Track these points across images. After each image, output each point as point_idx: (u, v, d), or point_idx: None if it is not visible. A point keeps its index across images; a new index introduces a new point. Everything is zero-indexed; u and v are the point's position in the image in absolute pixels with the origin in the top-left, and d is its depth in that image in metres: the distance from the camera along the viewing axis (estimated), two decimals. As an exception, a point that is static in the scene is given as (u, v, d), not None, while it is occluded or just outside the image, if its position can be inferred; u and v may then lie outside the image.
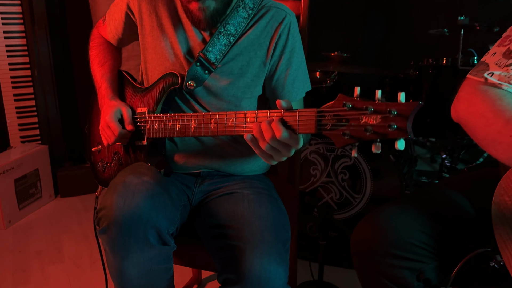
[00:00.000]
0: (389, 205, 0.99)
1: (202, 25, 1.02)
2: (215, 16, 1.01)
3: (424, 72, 2.03)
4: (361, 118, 0.74)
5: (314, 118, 0.79)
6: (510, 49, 0.94)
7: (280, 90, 1.11)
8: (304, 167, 1.92)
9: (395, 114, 0.71)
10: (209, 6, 0.98)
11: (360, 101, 0.75)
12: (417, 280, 0.91)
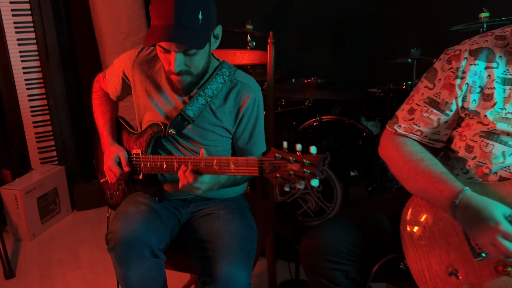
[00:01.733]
0: (327, 221, 1.28)
1: (179, 92, 1.33)
2: (189, 87, 1.31)
3: (387, 95, 2.32)
4: (287, 165, 1.04)
5: (255, 165, 1.09)
6: (412, 107, 1.24)
7: (244, 150, 1.43)
8: (284, 181, 2.23)
9: (308, 163, 1.01)
10: (186, 80, 1.28)
11: (286, 153, 1.05)
12: (345, 278, 1.20)
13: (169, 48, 1.21)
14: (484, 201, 1.02)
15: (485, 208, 1.00)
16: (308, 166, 1.01)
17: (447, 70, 1.16)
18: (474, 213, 1.02)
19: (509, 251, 0.96)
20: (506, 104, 1.08)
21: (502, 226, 0.97)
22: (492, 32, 1.15)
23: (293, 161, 1.03)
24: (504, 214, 0.99)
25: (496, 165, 1.09)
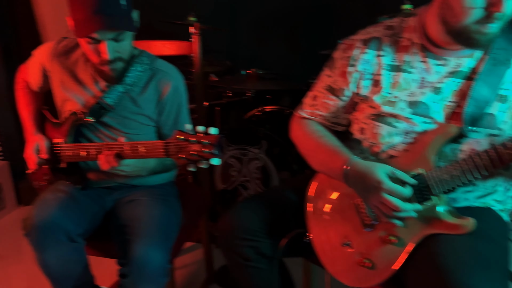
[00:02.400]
0: (241, 202, 1.35)
1: (113, 81, 1.38)
2: (122, 73, 1.36)
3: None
4: (188, 146, 1.11)
5: (162, 147, 1.15)
6: (315, 94, 1.34)
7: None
8: (225, 169, 2.29)
9: (207, 143, 1.08)
10: (118, 67, 1.33)
11: (188, 134, 1.11)
12: (255, 254, 1.28)
13: (100, 37, 1.25)
14: (367, 164, 1.12)
15: (369, 170, 1.10)
16: (207, 146, 1.08)
17: (342, 59, 1.25)
18: (361, 177, 1.11)
19: (396, 205, 1.05)
20: (392, 89, 1.17)
21: (385, 184, 1.07)
22: (383, 22, 1.25)
23: (194, 142, 1.09)
24: (386, 173, 1.09)
25: (385, 145, 1.18)
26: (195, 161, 1.11)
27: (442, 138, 1.09)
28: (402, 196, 1.06)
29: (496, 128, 1.07)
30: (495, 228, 1.10)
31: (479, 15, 0.99)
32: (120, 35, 1.26)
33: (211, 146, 1.07)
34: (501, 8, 0.96)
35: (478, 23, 1.00)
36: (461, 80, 1.11)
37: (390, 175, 1.09)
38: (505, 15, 1.00)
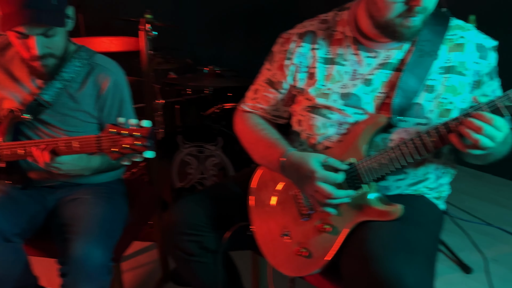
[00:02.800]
0: (185, 197, 1.35)
1: (45, 77, 1.35)
2: (55, 69, 1.34)
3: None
4: (121, 140, 1.09)
5: (94, 142, 1.13)
6: (257, 88, 1.36)
7: None
8: (182, 167, 2.28)
9: (139, 136, 1.07)
10: (50, 63, 1.30)
11: (120, 128, 1.10)
12: (199, 248, 1.28)
13: (28, 32, 1.22)
14: (302, 155, 1.15)
15: (303, 160, 1.12)
16: (139, 139, 1.07)
17: (280, 53, 1.27)
18: (296, 168, 1.14)
19: (329, 192, 1.08)
20: (326, 81, 1.20)
21: (318, 172, 1.09)
22: (319, 16, 1.27)
23: (126, 135, 1.08)
24: (320, 161, 1.11)
25: (320, 136, 1.21)
26: (128, 154, 1.10)
27: (372, 128, 1.12)
28: (335, 183, 1.09)
29: (424, 117, 1.11)
30: (426, 214, 1.14)
31: (401, 9, 1.03)
32: (49, 30, 1.24)
33: (144, 138, 1.07)
34: (420, 2, 1.00)
35: (401, 17, 1.04)
36: (391, 72, 1.14)
37: (323, 163, 1.11)
38: (426, 9, 1.04)
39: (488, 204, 2.66)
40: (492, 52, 1.13)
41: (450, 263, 2.07)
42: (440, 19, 1.14)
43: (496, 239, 2.26)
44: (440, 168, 1.20)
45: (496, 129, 0.94)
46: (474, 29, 1.15)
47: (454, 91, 1.11)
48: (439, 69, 1.12)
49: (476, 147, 0.96)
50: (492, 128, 0.93)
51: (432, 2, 1.04)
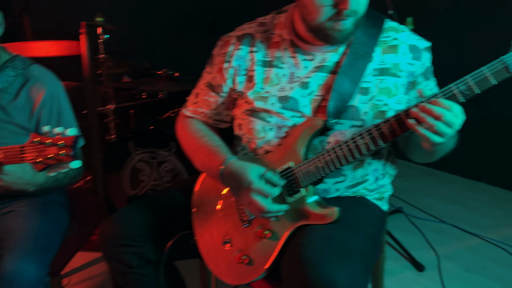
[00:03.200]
0: (124, 207, 1.30)
1: None
2: None
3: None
4: (45, 149, 1.03)
5: (19, 152, 1.07)
6: (197, 92, 1.33)
7: None
8: (134, 174, 2.22)
9: (63, 145, 1.01)
10: None
11: (44, 137, 1.03)
12: (139, 260, 1.23)
13: None
14: (242, 164, 1.12)
15: (242, 170, 1.10)
16: (63, 148, 1.01)
17: (219, 55, 1.25)
18: (234, 177, 1.11)
19: (263, 206, 1.06)
20: (265, 84, 1.18)
21: (254, 184, 1.07)
22: (257, 19, 1.26)
23: (50, 145, 1.02)
24: (258, 173, 1.09)
25: (260, 140, 1.19)
26: (53, 165, 1.04)
27: (309, 131, 1.11)
28: (269, 196, 1.07)
29: (359, 119, 1.11)
30: (364, 217, 1.14)
31: (330, 13, 1.03)
32: None
33: (68, 148, 1.01)
34: (347, 5, 1.00)
35: (331, 20, 1.04)
36: (327, 74, 1.14)
37: (262, 175, 1.09)
38: (356, 12, 1.04)
39: (442, 202, 2.72)
40: (425, 53, 1.14)
41: (404, 262, 2.10)
42: (374, 21, 1.15)
43: (449, 237, 2.32)
44: (379, 170, 1.21)
45: (455, 116, 0.94)
46: (408, 30, 1.16)
47: (388, 93, 1.12)
48: (373, 71, 1.12)
49: (436, 132, 0.94)
50: (451, 114, 0.93)
51: (362, 5, 1.04)
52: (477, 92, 0.92)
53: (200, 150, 1.24)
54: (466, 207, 2.64)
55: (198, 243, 1.24)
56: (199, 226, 1.25)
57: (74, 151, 1.01)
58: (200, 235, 1.24)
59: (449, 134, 0.95)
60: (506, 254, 2.11)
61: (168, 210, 1.28)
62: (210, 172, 1.21)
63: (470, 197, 2.78)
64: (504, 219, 2.47)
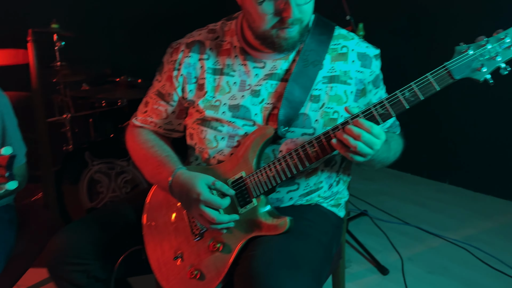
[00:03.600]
0: (70, 224, 1.23)
1: None
2: None
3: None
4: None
5: None
6: (147, 100, 1.28)
7: None
8: (91, 186, 2.14)
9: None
10: None
11: None
12: (87, 278, 1.17)
13: None
14: (190, 175, 1.08)
15: (190, 182, 1.06)
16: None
17: (169, 63, 1.21)
18: (183, 189, 1.07)
19: (212, 217, 1.02)
20: (215, 93, 1.15)
21: (203, 195, 1.03)
22: (208, 26, 1.23)
23: None
24: (207, 184, 1.05)
25: (212, 150, 1.16)
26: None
27: (260, 140, 1.08)
28: (219, 207, 1.04)
29: (310, 127, 1.10)
30: (317, 225, 1.12)
31: (273, 21, 1.01)
32: None
33: (2, 168, 0.94)
34: (290, 13, 0.98)
35: (275, 28, 1.02)
36: (277, 82, 1.12)
37: (211, 186, 1.06)
38: (301, 20, 1.02)
39: (406, 204, 2.75)
40: (374, 61, 1.14)
41: (369, 265, 2.10)
42: (324, 29, 1.13)
43: (413, 238, 2.34)
44: (333, 177, 1.19)
45: (374, 137, 0.94)
46: (357, 38, 1.15)
47: (338, 100, 1.11)
48: (323, 78, 1.11)
49: (357, 153, 0.95)
50: (370, 136, 0.93)
51: (306, 13, 1.03)
52: (422, 98, 0.92)
53: (149, 161, 1.19)
54: (430, 208, 2.68)
55: (149, 259, 1.19)
56: (150, 240, 1.20)
57: (10, 171, 0.95)
58: (151, 250, 1.19)
59: (370, 154, 0.95)
60: (468, 255, 2.14)
61: (118, 225, 1.23)
62: (159, 184, 1.17)
63: (434, 198, 2.83)
64: (466, 218, 2.52)
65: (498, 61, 0.89)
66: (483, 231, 2.37)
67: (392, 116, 0.95)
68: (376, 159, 1.03)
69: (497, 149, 2.75)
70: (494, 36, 0.90)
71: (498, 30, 0.91)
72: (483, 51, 0.89)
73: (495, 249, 2.16)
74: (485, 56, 0.89)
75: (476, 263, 2.07)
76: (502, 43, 0.89)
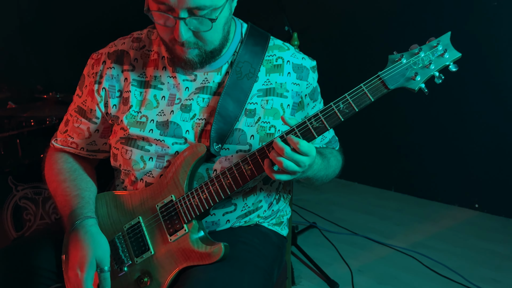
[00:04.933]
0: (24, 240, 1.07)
1: None
2: None
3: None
4: None
5: None
6: (67, 118, 1.15)
7: None
8: (17, 214, 1.93)
9: None
10: None
11: None
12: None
13: None
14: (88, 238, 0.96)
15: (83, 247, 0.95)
16: None
17: (90, 76, 1.09)
18: (74, 245, 0.96)
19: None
20: (141, 107, 1.05)
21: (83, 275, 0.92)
22: (132, 34, 1.12)
23: None
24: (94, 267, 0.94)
25: (139, 171, 1.04)
26: None
27: (192, 159, 0.99)
28: None
29: (246, 144, 1.02)
30: (256, 248, 1.03)
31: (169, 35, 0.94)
32: None
33: None
34: (177, 34, 0.90)
35: (176, 49, 0.95)
36: (209, 96, 1.03)
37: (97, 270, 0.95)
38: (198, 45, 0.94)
39: (355, 213, 2.75)
40: (311, 72, 1.08)
41: (319, 280, 2.05)
42: (258, 39, 1.07)
43: (362, 248, 2.33)
44: (273, 195, 1.12)
45: (301, 154, 0.86)
46: (293, 49, 1.09)
47: (275, 114, 1.04)
48: (258, 91, 1.04)
49: (284, 171, 0.87)
50: (292, 153, 0.85)
51: (207, 41, 0.94)
52: (356, 110, 0.87)
53: (58, 198, 1.07)
54: (377, 216, 2.69)
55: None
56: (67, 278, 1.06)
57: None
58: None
59: (298, 172, 0.88)
60: (416, 262, 2.15)
61: (34, 262, 1.08)
62: (65, 227, 1.04)
63: (381, 205, 2.85)
64: (412, 225, 2.55)
65: (432, 69, 0.86)
66: (429, 236, 2.40)
67: (327, 129, 0.89)
68: (314, 177, 0.96)
69: (438, 156, 2.84)
70: (427, 44, 0.87)
71: (431, 38, 0.88)
72: (416, 59, 0.86)
73: (441, 254, 2.19)
74: (419, 65, 0.86)
75: (424, 271, 2.09)
76: (435, 51, 0.86)
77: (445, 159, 2.81)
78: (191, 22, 0.89)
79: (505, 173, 2.58)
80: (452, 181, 2.80)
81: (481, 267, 2.09)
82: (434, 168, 2.87)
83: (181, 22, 0.88)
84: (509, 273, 2.04)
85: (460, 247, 2.28)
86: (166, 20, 0.90)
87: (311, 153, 0.86)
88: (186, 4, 0.85)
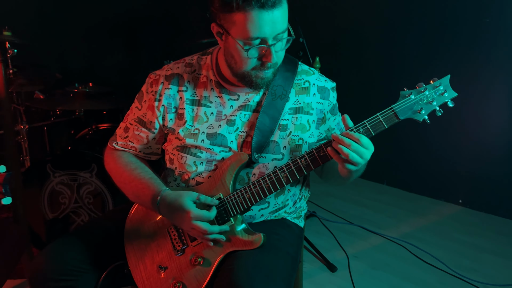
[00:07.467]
0: (55, 241, 1.29)
1: None
2: None
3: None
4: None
5: None
6: (127, 126, 1.37)
7: None
8: (54, 197, 2.15)
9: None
10: None
11: None
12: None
13: None
14: (176, 196, 1.20)
15: (177, 202, 1.18)
16: None
17: (150, 93, 1.30)
18: (171, 208, 1.19)
19: (204, 229, 1.15)
20: (194, 122, 1.27)
21: (193, 213, 1.15)
22: (184, 59, 1.34)
23: None
24: (192, 200, 1.18)
25: (192, 173, 1.28)
26: None
27: (236, 165, 1.22)
28: (208, 219, 1.17)
29: (279, 153, 1.25)
30: (285, 238, 1.28)
31: (255, 64, 1.15)
32: None
33: None
34: (271, 59, 1.12)
35: (255, 70, 1.16)
36: (250, 113, 1.26)
37: (196, 201, 1.18)
38: (277, 64, 1.18)
39: (351, 204, 3.02)
40: (332, 92, 1.32)
41: (319, 264, 2.31)
42: (289, 65, 1.29)
43: (357, 237, 2.60)
44: (297, 194, 1.37)
45: (363, 147, 1.08)
46: (317, 73, 1.32)
47: (303, 129, 1.27)
48: (289, 110, 1.27)
49: (348, 161, 1.08)
50: (358, 146, 1.07)
51: (281, 58, 1.18)
52: (373, 134, 1.11)
53: (133, 183, 1.29)
54: (371, 208, 2.96)
55: (132, 272, 1.28)
56: (132, 255, 1.29)
57: (5, 188, 1.02)
58: (133, 265, 1.29)
59: (361, 163, 1.09)
60: (405, 251, 2.43)
61: (100, 241, 1.30)
62: (144, 204, 1.27)
63: (374, 198, 3.13)
64: (402, 217, 2.83)
65: (434, 105, 1.10)
66: (418, 229, 2.68)
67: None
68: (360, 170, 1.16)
69: (427, 154, 3.10)
70: (430, 84, 1.11)
71: (434, 78, 1.11)
72: (422, 96, 1.10)
73: (428, 245, 2.46)
74: (424, 101, 1.10)
75: (413, 259, 2.36)
76: (437, 90, 1.10)
77: (433, 157, 3.07)
78: (277, 45, 1.12)
79: (487, 172, 2.85)
80: (439, 177, 3.07)
81: (462, 257, 2.38)
82: (423, 165, 3.13)
83: (271, 48, 1.10)
84: (486, 263, 2.33)
85: (444, 239, 2.56)
86: (260, 51, 1.11)
87: (371, 147, 1.08)
88: (276, 31, 1.08)
